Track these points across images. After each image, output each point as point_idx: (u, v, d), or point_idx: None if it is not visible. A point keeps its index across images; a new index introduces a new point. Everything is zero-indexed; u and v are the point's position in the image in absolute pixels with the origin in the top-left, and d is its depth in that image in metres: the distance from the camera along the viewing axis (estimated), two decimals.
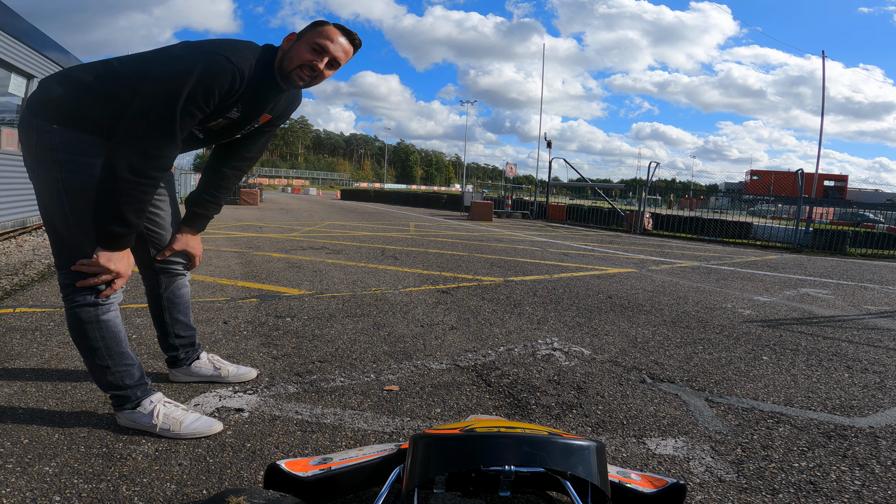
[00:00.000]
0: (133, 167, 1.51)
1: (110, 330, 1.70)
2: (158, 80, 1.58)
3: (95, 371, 1.72)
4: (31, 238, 6.72)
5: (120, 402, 1.74)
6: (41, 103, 1.65)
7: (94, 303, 1.67)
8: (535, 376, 2.51)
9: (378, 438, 1.83)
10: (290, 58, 1.73)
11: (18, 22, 6.60)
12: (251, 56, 1.67)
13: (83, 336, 1.68)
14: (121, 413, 1.76)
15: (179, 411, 1.77)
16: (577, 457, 1.16)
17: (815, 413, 2.24)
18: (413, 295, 4.21)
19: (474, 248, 8.06)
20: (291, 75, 1.74)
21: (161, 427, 1.72)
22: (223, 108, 1.69)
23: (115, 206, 1.53)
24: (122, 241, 1.59)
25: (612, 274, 5.97)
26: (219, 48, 1.62)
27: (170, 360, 2.16)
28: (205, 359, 2.20)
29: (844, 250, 11.65)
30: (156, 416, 1.73)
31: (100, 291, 1.67)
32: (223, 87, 1.60)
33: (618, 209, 16.61)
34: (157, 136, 1.54)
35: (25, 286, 3.85)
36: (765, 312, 4.29)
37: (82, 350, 1.71)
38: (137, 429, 1.75)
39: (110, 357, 1.70)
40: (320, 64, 1.73)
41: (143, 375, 1.78)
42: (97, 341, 1.68)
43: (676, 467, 1.72)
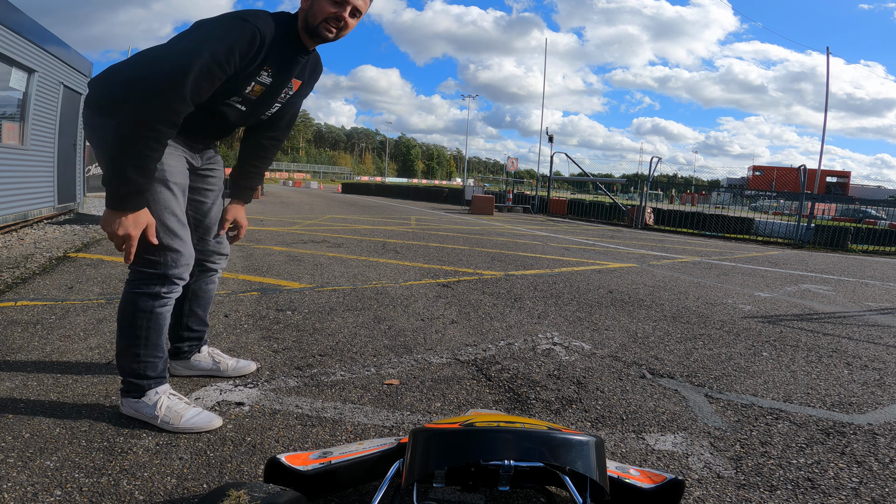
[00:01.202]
0: (137, 117, 1.48)
1: (158, 322, 1.75)
2: (179, 43, 1.60)
3: (125, 355, 1.75)
4: (33, 231, 6.72)
5: (130, 388, 1.76)
6: (97, 101, 1.69)
7: (157, 294, 1.72)
8: (535, 371, 2.51)
9: (378, 432, 1.83)
10: (313, 14, 1.71)
11: (19, 16, 6.57)
12: (269, 20, 1.67)
13: (131, 322, 1.72)
14: (125, 400, 1.78)
15: (182, 405, 1.78)
16: (576, 452, 1.16)
17: (815, 410, 2.24)
18: (414, 289, 4.21)
19: (475, 241, 8.05)
20: (318, 30, 1.73)
21: (162, 419, 1.72)
22: (251, 71, 1.68)
23: (119, 160, 1.49)
24: (126, 200, 1.52)
25: (612, 269, 5.97)
26: (237, 13, 1.64)
27: (172, 350, 2.14)
28: (205, 352, 2.20)
29: (846, 247, 11.63)
30: (159, 407, 1.74)
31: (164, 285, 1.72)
32: (243, 45, 1.58)
33: (619, 204, 16.59)
34: (166, 89, 1.50)
35: (27, 279, 3.86)
36: (765, 308, 4.29)
37: (123, 334, 1.74)
38: (138, 418, 1.76)
39: (145, 347, 1.74)
40: (345, 13, 1.72)
41: (164, 369, 1.81)
42: (142, 330, 1.72)
43: (675, 463, 1.73)
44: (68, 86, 8.54)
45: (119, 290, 3.59)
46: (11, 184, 6.77)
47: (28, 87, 7.13)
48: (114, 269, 4.34)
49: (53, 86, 7.95)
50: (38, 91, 7.35)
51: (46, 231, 6.75)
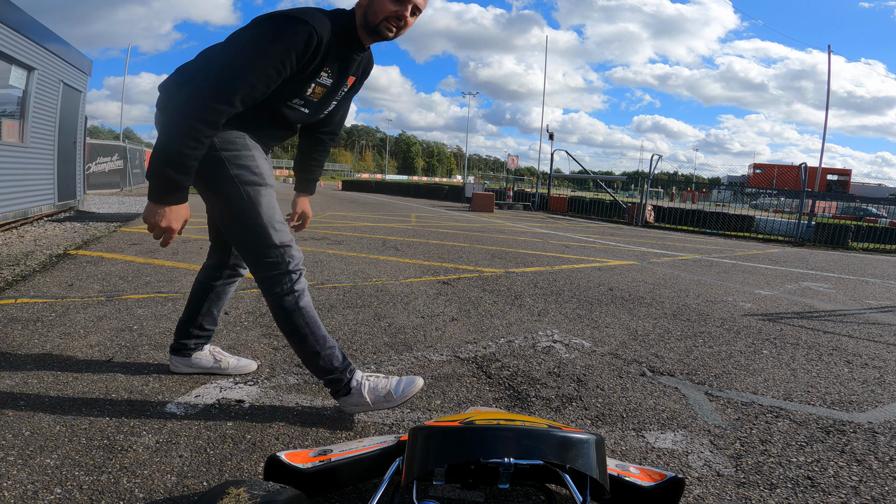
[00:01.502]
0: (180, 116, 1.50)
1: (310, 315, 1.79)
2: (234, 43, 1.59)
3: (309, 359, 1.81)
4: (33, 229, 6.72)
5: (335, 387, 1.83)
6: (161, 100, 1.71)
7: (291, 290, 1.76)
8: (536, 368, 2.51)
9: (378, 430, 1.83)
10: (373, 12, 1.69)
11: (19, 14, 6.56)
12: (326, 19, 1.65)
13: (292, 326, 1.77)
14: (341, 400, 1.85)
15: (384, 380, 1.87)
16: (576, 450, 1.16)
17: (815, 408, 2.24)
18: (414, 286, 4.21)
19: (475, 239, 8.05)
20: (379, 28, 1.70)
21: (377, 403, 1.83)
22: (311, 73, 1.68)
23: (159, 156, 1.50)
24: (165, 194, 1.55)
25: (613, 266, 5.97)
26: (292, 12, 1.62)
27: (177, 346, 2.16)
28: (206, 350, 2.20)
29: (846, 244, 11.63)
30: (369, 393, 1.83)
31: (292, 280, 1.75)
32: (299, 46, 1.57)
33: (619, 201, 16.58)
34: (212, 91, 1.51)
35: (27, 277, 3.86)
36: (766, 306, 4.29)
37: (294, 340, 1.80)
38: (363, 411, 1.87)
39: (316, 341, 1.79)
40: (406, 12, 1.70)
41: (345, 355, 1.86)
42: (304, 328, 1.77)
43: (675, 461, 1.73)
44: (68, 83, 8.52)
45: (118, 287, 3.59)
46: (11, 181, 6.77)
47: (28, 84, 7.12)
48: (114, 267, 4.34)
49: (53, 83, 7.94)
50: (37, 89, 7.33)
51: (46, 228, 6.75)
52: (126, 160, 18.07)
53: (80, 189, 9.67)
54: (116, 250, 5.22)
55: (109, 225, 7.36)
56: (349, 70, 1.83)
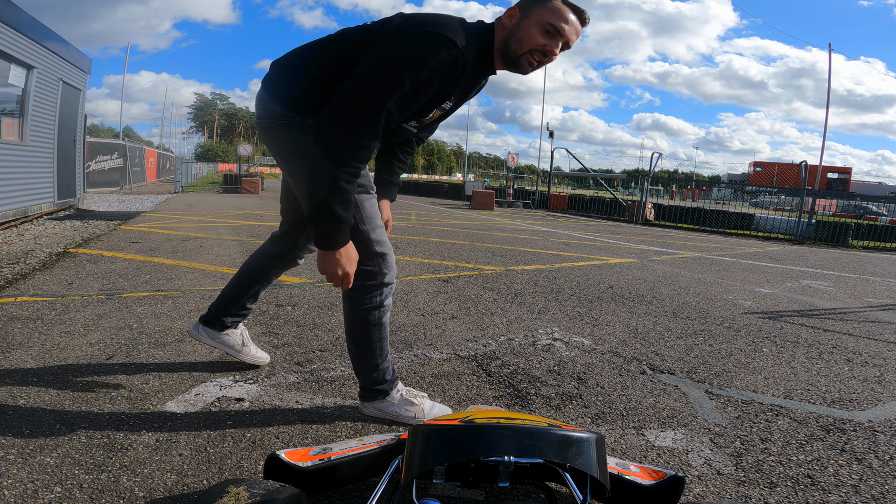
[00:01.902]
0: (339, 157, 1.40)
1: (385, 331, 1.77)
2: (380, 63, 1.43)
3: (365, 368, 1.79)
4: (33, 227, 6.72)
5: (374, 395, 1.82)
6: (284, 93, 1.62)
7: (381, 304, 1.73)
8: (536, 366, 2.51)
9: (378, 429, 1.83)
10: (517, 40, 1.53)
11: (18, 13, 6.56)
12: (473, 40, 1.50)
13: (367, 338, 1.75)
14: (368, 403, 1.84)
15: (419, 398, 1.87)
16: (577, 449, 1.16)
17: (815, 406, 2.24)
18: (414, 284, 4.21)
19: (475, 237, 8.04)
20: (520, 61, 1.55)
21: (408, 416, 1.82)
22: (440, 100, 1.56)
23: (325, 200, 1.42)
24: (337, 237, 1.48)
25: (613, 264, 5.96)
26: (443, 29, 1.45)
27: (212, 319, 2.10)
28: (239, 330, 2.17)
29: (847, 243, 11.62)
30: (409, 404, 1.83)
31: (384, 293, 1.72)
32: (443, 73, 1.44)
33: (619, 199, 16.57)
34: (361, 123, 1.41)
35: (27, 275, 3.85)
36: (766, 304, 4.29)
37: (361, 351, 1.77)
38: (383, 418, 1.84)
39: (380, 356, 1.78)
40: (555, 49, 1.53)
41: (395, 370, 1.86)
42: (376, 342, 1.75)
43: (675, 459, 1.73)
44: (67, 82, 8.51)
45: (118, 286, 3.59)
46: (11, 180, 6.77)
47: (27, 83, 7.11)
48: (113, 265, 4.34)
49: (53, 82, 7.93)
50: (37, 87, 7.33)
51: (46, 227, 6.74)
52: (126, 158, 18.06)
53: (80, 187, 9.66)
54: (116, 248, 5.22)
55: (109, 223, 7.36)
56: (472, 93, 1.68)
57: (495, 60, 1.60)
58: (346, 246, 1.51)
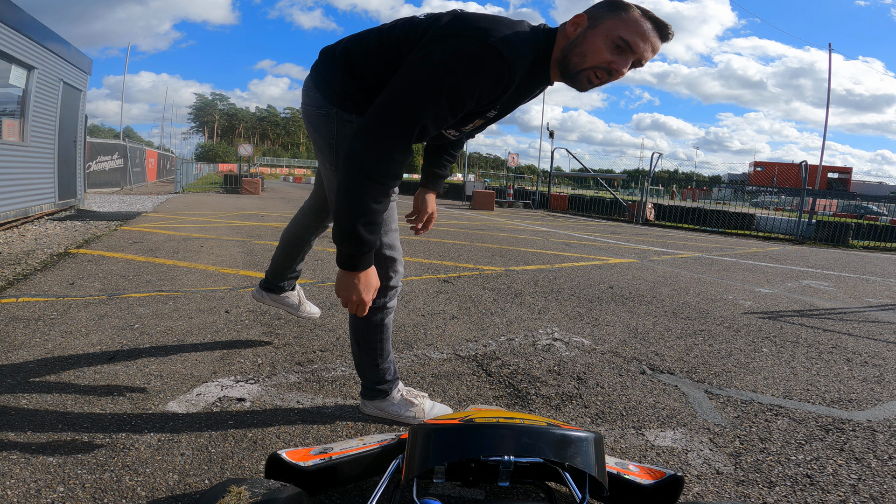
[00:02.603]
0: (367, 174, 1.30)
1: (387, 332, 1.79)
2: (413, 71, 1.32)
3: (367, 368, 1.81)
4: (34, 227, 6.73)
5: (375, 394, 1.84)
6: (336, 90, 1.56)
7: (384, 306, 1.74)
8: (536, 366, 2.52)
9: (379, 428, 1.84)
10: (580, 53, 1.36)
11: (18, 14, 6.57)
12: (527, 49, 1.35)
13: (368, 339, 1.76)
14: (368, 402, 1.86)
15: (419, 398, 1.89)
16: (576, 448, 1.17)
17: (814, 406, 2.25)
18: (414, 284, 4.21)
19: (476, 237, 8.05)
20: (580, 76, 1.39)
21: (407, 416, 1.84)
22: (481, 111, 1.45)
23: (348, 218, 1.33)
24: (359, 260, 1.38)
25: (613, 264, 5.97)
26: (492, 36, 1.30)
27: (271, 286, 2.40)
28: (297, 290, 2.48)
29: (847, 242, 11.62)
30: (409, 404, 1.85)
31: (388, 296, 1.74)
32: (486, 87, 1.32)
33: (620, 199, 16.57)
34: (391, 138, 1.30)
35: (28, 275, 3.86)
36: (766, 304, 4.29)
37: (362, 350, 1.79)
38: (384, 417, 1.86)
39: (381, 356, 1.79)
40: (624, 67, 1.35)
41: (396, 370, 1.88)
42: (378, 342, 1.77)
43: (675, 459, 1.73)
44: (68, 82, 8.52)
45: (119, 286, 3.60)
46: (12, 180, 6.78)
47: (28, 83, 7.12)
48: (114, 265, 4.34)
49: (53, 82, 7.94)
50: (37, 88, 7.34)
51: (47, 227, 6.75)
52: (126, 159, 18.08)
53: (81, 188, 9.67)
54: (117, 249, 5.23)
55: (110, 223, 7.37)
56: (521, 103, 1.54)
57: (552, 71, 1.45)
58: (367, 270, 1.41)
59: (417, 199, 2.09)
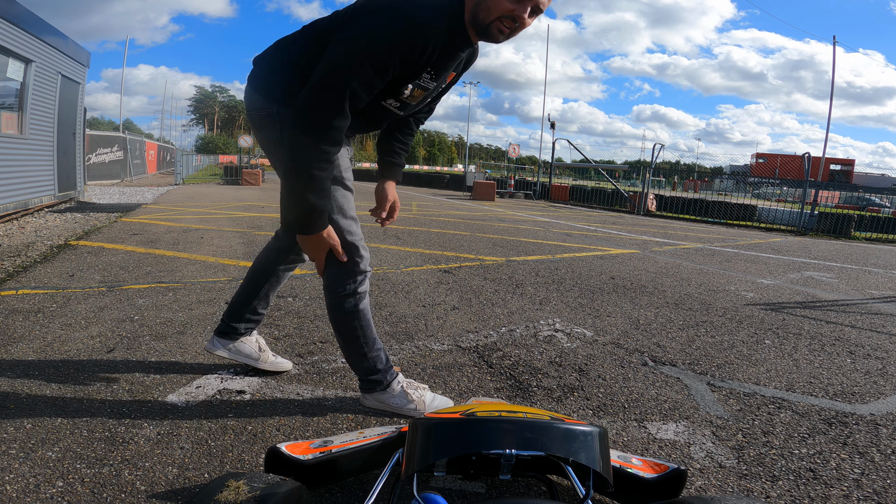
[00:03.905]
0: (307, 142, 1.45)
1: (365, 318, 1.79)
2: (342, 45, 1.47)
3: (354, 358, 1.81)
4: (34, 220, 6.72)
5: (371, 385, 1.83)
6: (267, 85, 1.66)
7: (354, 291, 1.75)
8: (537, 358, 2.51)
9: (379, 421, 1.83)
10: (486, 9, 1.50)
11: (15, 7, 6.54)
12: (440, 15, 1.49)
13: (347, 327, 1.77)
14: (368, 395, 1.85)
15: (420, 391, 1.88)
16: (580, 443, 1.15)
17: (817, 399, 2.23)
18: (415, 275, 4.20)
19: (476, 227, 8.03)
20: (490, 29, 1.53)
21: (409, 407, 1.83)
22: (411, 76, 1.56)
23: (297, 186, 1.49)
24: (312, 223, 1.55)
25: (614, 255, 5.95)
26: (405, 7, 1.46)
27: (225, 329, 2.04)
28: (254, 337, 2.11)
29: (849, 234, 11.58)
30: (408, 396, 1.84)
31: (357, 281, 1.75)
32: (405, 48, 1.45)
33: (621, 190, 16.52)
34: (325, 107, 1.44)
35: (28, 268, 3.85)
36: (768, 295, 4.27)
37: (345, 340, 1.80)
38: (384, 409, 1.86)
39: (366, 344, 1.79)
40: (524, 13, 1.49)
41: (388, 359, 1.86)
42: (357, 330, 1.77)
43: (677, 452, 1.72)
44: (66, 75, 8.48)
45: (119, 278, 3.59)
46: (11, 173, 6.76)
47: (26, 77, 7.09)
48: (114, 257, 4.33)
49: (51, 76, 7.90)
50: (35, 81, 7.31)
51: (47, 219, 6.74)
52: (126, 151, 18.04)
53: (81, 180, 9.65)
54: (117, 240, 5.21)
55: (110, 215, 7.35)
56: (451, 68, 1.66)
57: (469, 33, 1.57)
58: (323, 231, 1.59)
59: (378, 191, 2.05)
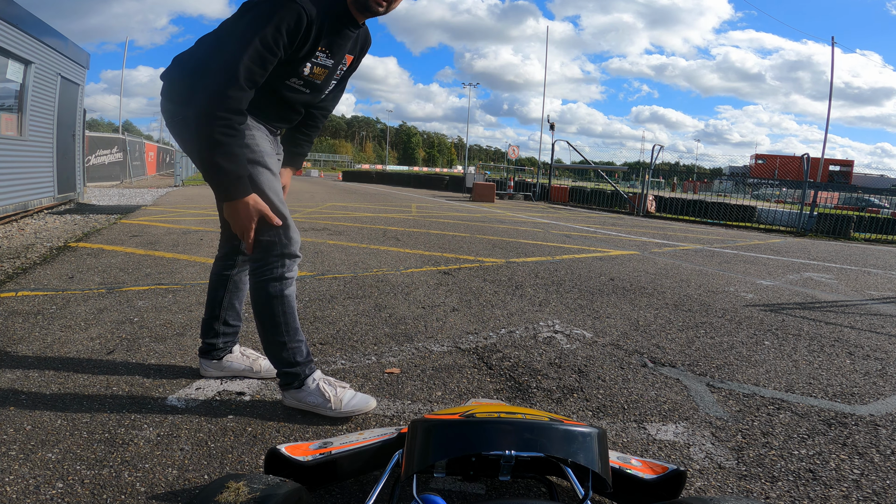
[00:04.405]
0: (205, 110, 1.51)
1: (290, 305, 1.78)
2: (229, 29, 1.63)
3: (273, 346, 1.79)
4: (33, 221, 6.71)
5: (288, 380, 1.81)
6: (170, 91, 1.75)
7: (281, 276, 1.74)
8: (537, 359, 2.51)
9: (379, 422, 1.83)
10: None
11: (15, 9, 6.56)
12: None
13: (269, 311, 1.76)
14: (287, 393, 1.83)
15: (338, 389, 1.84)
16: (579, 444, 1.15)
17: (816, 400, 2.23)
18: (414, 276, 4.20)
19: (476, 229, 8.03)
20: (369, 3, 1.68)
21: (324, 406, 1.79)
22: (306, 53, 1.66)
23: (206, 155, 1.55)
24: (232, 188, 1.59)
25: (614, 256, 5.95)
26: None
27: (205, 348, 2.04)
28: (237, 352, 2.09)
29: (848, 235, 11.60)
30: (321, 394, 1.80)
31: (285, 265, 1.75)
32: (290, 26, 1.56)
33: (620, 191, 16.53)
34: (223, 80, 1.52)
35: (27, 269, 3.85)
36: (767, 296, 4.28)
37: (265, 325, 1.78)
38: (301, 408, 1.82)
39: (287, 333, 1.77)
40: None
41: (309, 353, 1.84)
42: (280, 316, 1.76)
43: (677, 453, 1.72)
44: (66, 77, 8.48)
45: (119, 279, 3.59)
46: (11, 174, 6.76)
47: (25, 78, 7.10)
48: (114, 259, 4.33)
49: (51, 77, 7.90)
50: (35, 82, 7.31)
51: (47, 221, 6.74)
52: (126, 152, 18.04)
53: (80, 181, 9.65)
54: (117, 242, 5.21)
55: (110, 217, 7.35)
56: (345, 48, 1.79)
57: (353, 13, 1.71)
58: (247, 197, 1.62)
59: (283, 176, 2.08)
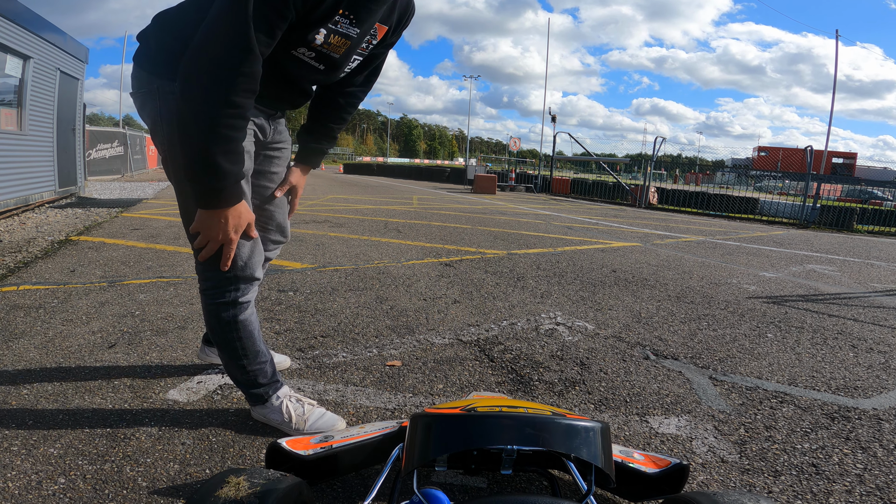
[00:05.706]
0: (213, 96, 1.21)
1: (247, 329, 1.59)
2: None
3: (232, 369, 1.64)
4: (34, 215, 6.72)
5: (252, 399, 1.69)
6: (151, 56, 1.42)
7: (234, 301, 1.54)
8: (538, 352, 2.50)
9: (380, 415, 1.83)
10: None
11: (13, 4, 6.55)
12: None
13: (222, 336, 1.58)
14: (254, 408, 1.72)
15: (305, 407, 1.71)
16: (581, 438, 1.14)
17: (819, 393, 2.23)
18: (416, 268, 4.19)
19: (477, 220, 8.01)
20: None
21: (287, 424, 1.67)
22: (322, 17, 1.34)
23: (204, 150, 1.23)
24: (224, 194, 1.30)
25: (616, 248, 5.93)
26: None
27: (207, 336, 2.02)
28: None
29: (851, 227, 11.54)
30: (284, 412, 1.67)
31: (239, 289, 1.53)
32: None
33: (622, 183, 16.48)
34: (230, 48, 1.21)
35: (29, 263, 3.85)
36: (770, 289, 4.26)
37: (222, 349, 1.62)
38: (268, 424, 1.71)
39: (245, 357, 1.60)
40: None
41: (274, 372, 1.69)
42: (236, 342, 1.58)
43: (679, 447, 1.72)
44: (65, 71, 8.46)
45: (120, 273, 3.58)
46: (11, 169, 6.77)
47: (24, 73, 7.09)
48: (115, 252, 4.33)
49: (50, 72, 7.88)
50: (34, 77, 7.30)
51: (48, 215, 6.74)
52: (127, 146, 18.01)
53: (81, 175, 9.64)
54: (118, 236, 5.21)
55: (111, 210, 7.35)
56: (377, 13, 1.45)
57: None
58: (237, 205, 1.33)
59: (290, 173, 1.82)
